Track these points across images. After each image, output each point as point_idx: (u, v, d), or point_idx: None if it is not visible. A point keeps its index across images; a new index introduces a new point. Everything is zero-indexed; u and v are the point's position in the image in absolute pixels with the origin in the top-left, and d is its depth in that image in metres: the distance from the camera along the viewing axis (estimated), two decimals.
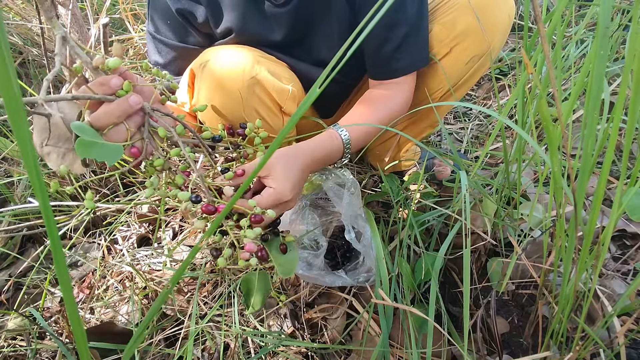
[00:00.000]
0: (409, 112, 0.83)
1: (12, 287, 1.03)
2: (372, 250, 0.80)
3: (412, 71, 0.85)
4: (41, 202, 0.19)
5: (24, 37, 1.58)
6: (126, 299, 0.98)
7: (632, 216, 0.42)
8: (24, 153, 0.18)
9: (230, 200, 0.28)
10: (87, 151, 0.42)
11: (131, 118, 0.49)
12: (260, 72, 0.75)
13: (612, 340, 0.62)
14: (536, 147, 0.45)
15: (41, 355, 0.86)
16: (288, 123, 0.24)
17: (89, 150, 0.42)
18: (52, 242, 0.20)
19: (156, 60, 0.89)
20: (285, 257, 0.60)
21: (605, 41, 0.32)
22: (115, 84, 0.48)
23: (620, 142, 1.14)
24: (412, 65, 0.83)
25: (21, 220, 1.10)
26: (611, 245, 0.90)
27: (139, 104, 0.48)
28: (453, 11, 0.81)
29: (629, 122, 0.38)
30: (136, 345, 0.32)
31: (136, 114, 0.49)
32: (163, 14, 0.83)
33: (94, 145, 0.43)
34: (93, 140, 0.43)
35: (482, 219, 0.84)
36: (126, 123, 0.48)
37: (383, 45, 0.81)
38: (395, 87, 0.85)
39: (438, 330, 0.76)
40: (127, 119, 0.48)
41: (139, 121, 0.50)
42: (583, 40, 1.49)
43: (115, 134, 0.48)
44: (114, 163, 0.44)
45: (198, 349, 0.85)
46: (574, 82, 0.61)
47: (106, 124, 0.47)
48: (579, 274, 0.51)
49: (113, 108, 0.47)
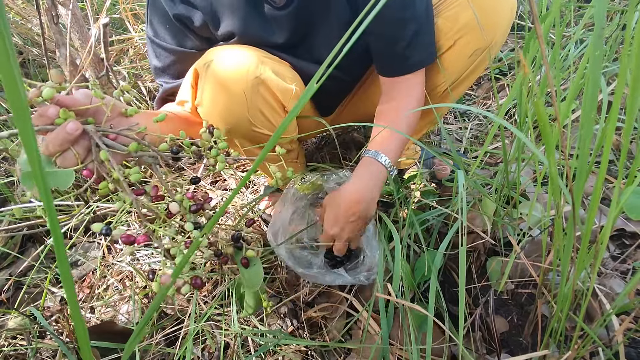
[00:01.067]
0: (412, 111, 0.83)
1: (13, 287, 1.03)
2: (373, 247, 0.80)
3: (424, 66, 0.85)
4: (45, 201, 0.19)
5: (24, 37, 1.58)
6: (126, 298, 0.98)
7: (630, 215, 0.42)
8: (28, 152, 0.18)
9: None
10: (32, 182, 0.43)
11: (78, 143, 0.49)
12: (265, 72, 0.76)
13: (611, 339, 0.62)
14: (533, 148, 0.46)
15: (41, 355, 0.86)
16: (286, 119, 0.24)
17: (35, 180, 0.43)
18: (55, 241, 0.20)
19: (155, 65, 0.89)
20: (248, 271, 0.61)
21: (600, 42, 0.32)
22: (52, 113, 0.48)
23: (620, 142, 1.14)
24: (423, 61, 0.84)
25: (21, 220, 1.10)
26: (610, 245, 0.90)
27: (78, 130, 0.48)
28: (456, 5, 0.81)
29: (627, 121, 0.38)
30: (136, 342, 0.32)
31: (82, 138, 0.49)
32: (161, 19, 0.84)
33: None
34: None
35: (482, 218, 0.85)
36: (73, 148, 0.48)
37: (395, 44, 0.81)
38: (408, 85, 0.85)
39: (438, 328, 0.77)
40: (73, 144, 0.48)
41: (85, 145, 0.50)
42: (583, 40, 1.49)
43: (65, 159, 0.48)
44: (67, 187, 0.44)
45: (198, 348, 0.85)
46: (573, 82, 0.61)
47: (53, 152, 0.48)
48: (577, 273, 0.51)
49: (53, 137, 0.47)
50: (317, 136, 1.39)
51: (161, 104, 0.94)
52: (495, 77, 1.64)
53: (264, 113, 0.80)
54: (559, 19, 0.53)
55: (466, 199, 0.82)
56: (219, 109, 0.78)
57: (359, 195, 0.77)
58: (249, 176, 0.25)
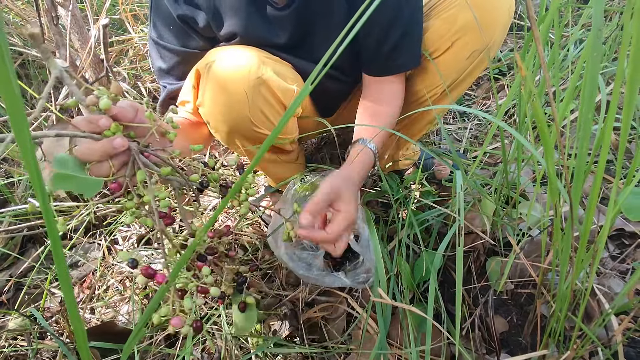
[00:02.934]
0: (412, 112, 0.83)
1: (13, 287, 1.04)
2: (370, 251, 0.80)
3: (408, 69, 0.89)
4: (41, 203, 0.19)
5: (24, 38, 1.58)
6: (126, 299, 0.98)
7: (629, 215, 0.42)
8: (24, 154, 0.18)
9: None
10: (63, 184, 0.43)
11: (116, 157, 0.49)
12: (266, 72, 0.76)
13: (610, 339, 0.62)
14: (531, 149, 0.46)
15: (42, 355, 0.86)
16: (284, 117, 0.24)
17: (65, 183, 0.43)
18: (52, 242, 0.20)
19: (159, 66, 0.90)
20: (242, 316, 0.62)
21: (598, 43, 0.32)
22: (104, 124, 0.48)
23: (618, 142, 1.14)
24: (407, 64, 0.87)
25: (22, 221, 1.11)
26: (609, 245, 0.90)
27: (124, 146, 0.48)
28: (454, 6, 0.82)
29: (624, 121, 0.38)
30: (135, 343, 0.32)
31: (121, 153, 0.50)
32: (165, 20, 0.84)
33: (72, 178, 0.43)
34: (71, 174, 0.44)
35: (481, 218, 0.85)
36: (111, 161, 0.49)
37: (381, 45, 0.82)
38: (389, 86, 0.89)
39: (437, 329, 0.77)
40: (111, 157, 0.49)
41: (123, 159, 0.50)
42: (582, 40, 1.49)
43: (97, 169, 0.48)
44: (92, 195, 0.44)
45: (198, 349, 0.85)
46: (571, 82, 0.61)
47: (89, 160, 0.48)
48: (576, 272, 0.51)
49: (97, 147, 0.47)
50: (317, 137, 1.39)
51: (165, 108, 0.94)
52: (494, 77, 1.64)
53: (265, 113, 0.80)
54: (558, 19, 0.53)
55: (466, 199, 0.82)
56: (220, 109, 0.78)
57: (361, 182, 0.80)
58: (244, 177, 0.25)
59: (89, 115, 0.49)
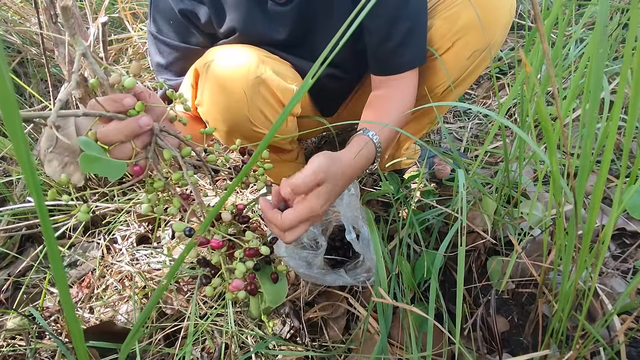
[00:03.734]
0: (412, 110, 0.83)
1: (12, 287, 1.03)
2: (371, 251, 0.80)
3: (415, 67, 0.85)
4: (36, 201, 0.19)
5: (23, 37, 1.58)
6: (125, 298, 0.98)
7: (633, 214, 0.42)
8: (18, 153, 0.18)
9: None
10: (90, 166, 0.42)
11: (139, 137, 0.49)
12: (265, 72, 0.75)
13: (612, 339, 0.62)
14: (534, 147, 0.45)
15: (40, 355, 0.86)
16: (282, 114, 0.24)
17: (92, 165, 0.42)
18: (47, 240, 0.20)
19: (158, 61, 0.89)
20: (275, 286, 0.61)
21: (604, 40, 0.32)
22: (129, 103, 0.48)
23: (620, 141, 1.14)
24: (414, 61, 0.84)
25: (20, 220, 1.10)
26: (611, 244, 0.90)
27: (149, 126, 0.48)
28: (455, 6, 0.81)
29: (629, 120, 0.38)
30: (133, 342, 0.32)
31: (144, 134, 0.49)
32: (165, 15, 0.83)
33: (98, 160, 0.43)
34: (97, 155, 0.43)
35: (482, 217, 0.84)
36: (133, 142, 0.48)
37: (385, 41, 0.80)
38: (399, 84, 0.85)
39: (438, 328, 0.76)
40: (134, 138, 0.48)
41: (145, 140, 0.50)
42: (583, 39, 1.49)
43: (120, 151, 0.48)
44: (116, 179, 0.44)
45: (197, 349, 0.85)
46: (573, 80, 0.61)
47: (113, 141, 0.47)
48: (578, 272, 0.51)
49: (123, 126, 0.47)
50: (316, 136, 1.39)
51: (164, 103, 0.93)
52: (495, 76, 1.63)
53: (265, 113, 0.80)
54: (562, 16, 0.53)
55: (467, 198, 0.82)
56: (219, 109, 0.78)
57: (355, 174, 0.71)
58: (244, 173, 0.25)
59: (113, 95, 0.48)
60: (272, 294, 0.60)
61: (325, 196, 0.62)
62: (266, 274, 0.61)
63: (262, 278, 0.61)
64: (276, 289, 0.61)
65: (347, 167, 0.68)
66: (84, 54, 0.44)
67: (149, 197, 0.52)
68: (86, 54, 0.45)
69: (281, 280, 0.61)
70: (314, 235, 0.90)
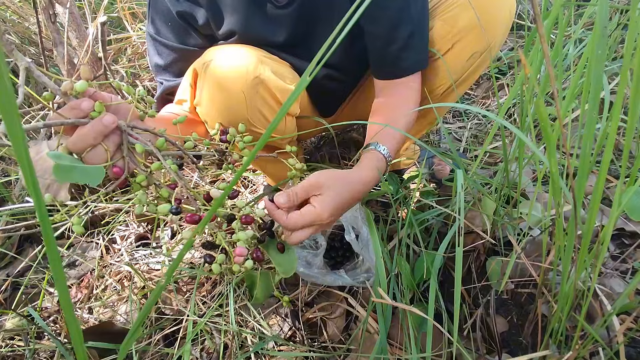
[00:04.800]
0: (412, 111, 0.83)
1: (10, 287, 1.03)
2: (370, 251, 0.80)
3: (418, 70, 0.84)
4: (35, 201, 0.19)
5: (22, 36, 1.57)
6: (125, 298, 0.97)
7: (632, 216, 0.42)
8: (17, 153, 0.18)
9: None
10: (66, 176, 0.42)
11: (108, 138, 0.49)
12: (264, 72, 0.75)
13: (611, 339, 0.62)
14: (533, 148, 0.45)
15: (39, 356, 0.86)
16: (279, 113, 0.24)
17: (68, 174, 0.42)
18: (46, 240, 0.20)
19: (156, 62, 0.89)
20: (283, 257, 0.61)
21: (603, 41, 0.32)
22: (87, 106, 0.47)
23: (619, 142, 1.14)
24: (418, 64, 0.83)
25: (19, 220, 1.10)
26: (610, 244, 0.90)
27: (114, 123, 0.48)
28: (455, 7, 0.81)
29: (629, 121, 0.38)
30: (131, 343, 0.32)
31: (113, 134, 0.49)
32: (163, 16, 0.83)
33: (73, 169, 0.42)
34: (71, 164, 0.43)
35: (482, 217, 0.84)
36: (104, 144, 0.48)
37: (388, 45, 0.80)
38: (403, 88, 0.84)
39: (437, 329, 0.76)
40: (104, 139, 0.48)
41: (117, 140, 0.50)
42: (582, 39, 1.49)
43: (94, 156, 0.48)
44: (97, 184, 0.44)
45: (197, 349, 0.85)
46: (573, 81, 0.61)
47: (83, 147, 0.47)
48: (578, 272, 0.51)
49: (87, 130, 0.46)
50: (316, 136, 1.39)
51: (161, 104, 0.93)
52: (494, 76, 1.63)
53: (263, 113, 0.80)
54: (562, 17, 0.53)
55: (466, 198, 0.82)
56: (217, 109, 0.78)
57: (366, 189, 0.72)
58: (242, 171, 0.25)
59: (71, 102, 0.48)
60: (282, 264, 0.60)
61: (331, 204, 0.63)
62: (273, 246, 0.62)
63: (270, 251, 0.61)
64: (286, 258, 0.61)
65: (357, 182, 0.69)
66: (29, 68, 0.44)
67: (139, 196, 0.52)
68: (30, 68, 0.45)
69: (289, 250, 0.62)
70: (314, 235, 0.90)
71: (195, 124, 0.88)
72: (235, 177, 0.26)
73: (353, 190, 0.68)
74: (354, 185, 0.68)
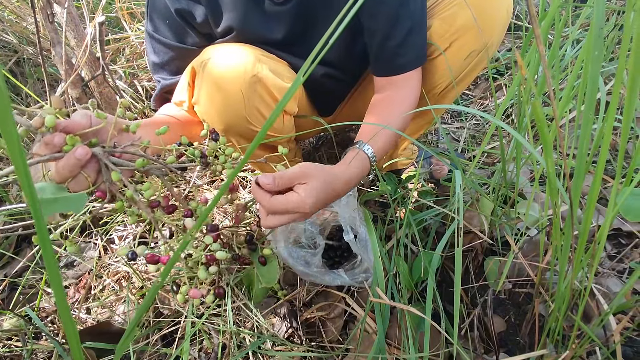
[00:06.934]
0: (410, 112, 0.83)
1: (8, 287, 1.03)
2: (368, 251, 0.80)
3: (417, 67, 0.84)
4: (30, 202, 0.19)
5: (19, 36, 1.57)
6: (123, 298, 0.97)
7: (627, 216, 0.42)
8: (12, 154, 0.18)
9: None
10: (50, 208, 0.44)
11: (87, 166, 0.50)
12: (262, 71, 0.75)
13: (608, 339, 0.62)
14: (530, 148, 0.45)
15: (37, 356, 0.86)
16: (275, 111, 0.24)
17: (52, 206, 0.44)
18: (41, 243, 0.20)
19: (153, 60, 0.89)
20: (265, 269, 0.67)
21: (599, 42, 0.32)
22: (59, 141, 0.48)
23: (615, 142, 1.14)
24: (416, 61, 0.83)
25: (16, 220, 1.10)
26: (606, 244, 0.90)
27: (87, 154, 0.49)
28: (453, 6, 0.81)
29: (624, 121, 0.38)
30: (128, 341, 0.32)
31: (90, 162, 0.50)
32: (162, 14, 0.83)
33: (56, 200, 0.44)
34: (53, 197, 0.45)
35: (479, 217, 0.85)
36: (84, 172, 0.49)
37: (387, 41, 0.80)
38: (401, 85, 0.84)
39: (435, 328, 0.77)
40: (83, 168, 0.49)
41: (96, 167, 0.51)
42: (579, 40, 1.49)
43: (76, 184, 0.49)
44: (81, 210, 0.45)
45: (195, 349, 0.85)
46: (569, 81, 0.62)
47: (63, 179, 0.48)
48: (574, 272, 0.51)
49: (63, 165, 0.48)
50: (314, 136, 1.39)
51: (159, 102, 0.93)
52: (492, 77, 1.64)
53: (261, 111, 0.80)
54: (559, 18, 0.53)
55: (464, 198, 0.82)
56: (216, 108, 0.78)
57: (347, 187, 0.71)
58: (238, 170, 0.25)
59: (44, 138, 0.49)
60: (265, 275, 0.67)
61: (315, 194, 0.62)
62: (255, 257, 0.68)
63: (255, 261, 0.68)
64: (268, 269, 0.67)
65: (340, 178, 0.68)
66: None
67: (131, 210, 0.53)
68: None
69: (270, 262, 0.67)
70: (312, 235, 0.90)
71: (194, 124, 0.88)
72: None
73: (336, 185, 0.67)
74: (337, 181, 0.68)
